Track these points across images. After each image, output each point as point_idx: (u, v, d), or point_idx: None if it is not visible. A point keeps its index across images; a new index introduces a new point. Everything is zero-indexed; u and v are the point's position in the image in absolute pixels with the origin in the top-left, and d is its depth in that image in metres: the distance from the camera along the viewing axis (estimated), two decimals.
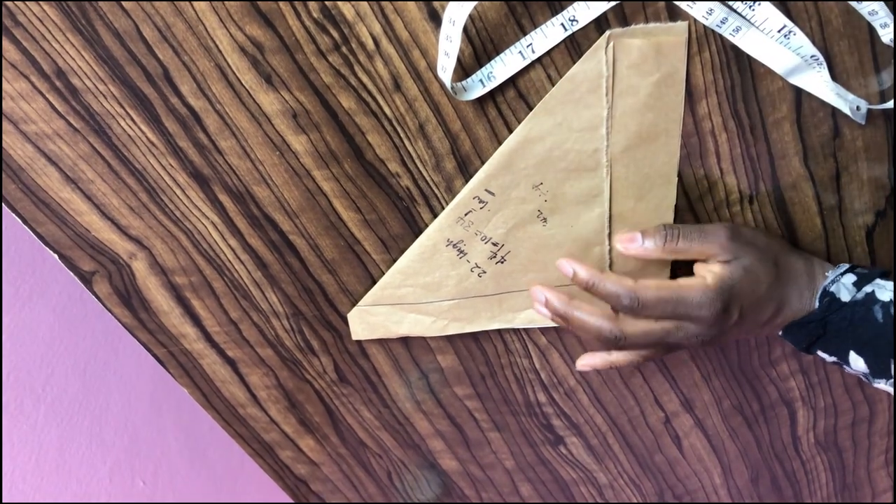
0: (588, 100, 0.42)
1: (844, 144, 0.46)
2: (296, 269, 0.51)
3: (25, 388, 0.63)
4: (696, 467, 0.67)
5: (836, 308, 0.45)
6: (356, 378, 0.58)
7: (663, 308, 0.44)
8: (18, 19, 0.41)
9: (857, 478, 0.69)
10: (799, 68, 0.42)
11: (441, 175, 0.47)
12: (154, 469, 0.77)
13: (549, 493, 0.68)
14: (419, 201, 0.48)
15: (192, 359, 0.57)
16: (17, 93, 0.43)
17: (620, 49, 0.41)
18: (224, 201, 0.48)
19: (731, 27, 0.41)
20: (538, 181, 0.45)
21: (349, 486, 0.67)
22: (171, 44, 0.42)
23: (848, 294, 0.45)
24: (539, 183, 0.45)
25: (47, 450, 0.64)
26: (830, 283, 0.45)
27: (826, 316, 0.45)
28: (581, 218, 0.47)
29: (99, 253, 0.50)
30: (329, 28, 0.41)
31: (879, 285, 0.45)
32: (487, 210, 0.46)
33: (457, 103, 0.44)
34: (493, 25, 0.41)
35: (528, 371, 0.58)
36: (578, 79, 0.42)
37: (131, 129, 0.45)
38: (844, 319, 0.45)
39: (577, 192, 0.46)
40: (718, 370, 0.58)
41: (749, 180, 0.47)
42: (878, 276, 0.45)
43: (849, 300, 0.44)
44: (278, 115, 0.44)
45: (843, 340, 0.45)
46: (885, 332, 0.43)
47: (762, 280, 0.44)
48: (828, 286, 0.45)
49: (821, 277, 0.46)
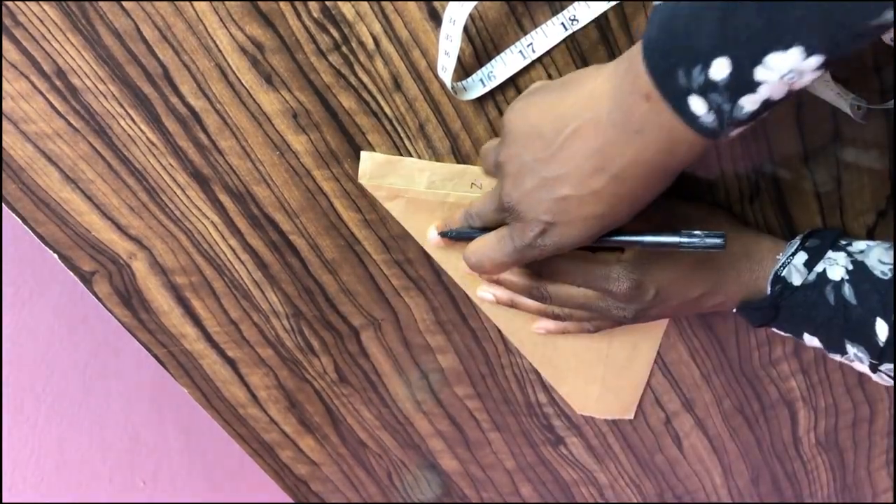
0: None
1: (844, 144, 0.46)
2: (296, 269, 0.51)
3: (25, 388, 0.63)
4: (696, 467, 0.67)
5: (788, 294, 0.44)
6: (356, 378, 0.58)
7: (574, 277, 0.44)
8: (18, 19, 0.41)
9: (857, 478, 0.69)
10: None
11: None
12: (154, 469, 0.77)
13: (549, 494, 0.68)
14: None
15: (192, 359, 0.57)
16: (17, 93, 0.43)
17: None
18: (224, 201, 0.48)
19: None
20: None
21: (349, 486, 0.67)
22: (171, 44, 0.42)
23: (799, 277, 0.43)
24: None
25: (47, 450, 0.64)
26: (781, 266, 0.44)
27: (777, 302, 0.44)
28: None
29: (99, 253, 0.50)
30: (329, 28, 0.41)
31: (830, 261, 0.43)
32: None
33: (457, 103, 0.44)
34: (493, 25, 0.41)
35: (528, 371, 0.58)
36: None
37: (131, 129, 0.45)
38: (796, 304, 0.44)
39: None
40: (719, 370, 0.58)
41: (749, 180, 0.47)
42: (830, 246, 0.44)
43: (800, 284, 0.43)
44: (278, 114, 0.44)
45: (796, 324, 0.45)
46: (836, 314, 0.43)
47: (683, 261, 0.43)
48: (779, 270, 0.44)
49: (770, 259, 0.45)
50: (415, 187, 0.46)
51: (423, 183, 0.46)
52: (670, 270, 0.44)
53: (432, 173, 0.46)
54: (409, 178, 0.46)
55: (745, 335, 0.56)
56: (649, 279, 0.43)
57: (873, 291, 0.41)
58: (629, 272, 0.43)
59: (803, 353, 0.58)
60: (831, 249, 0.44)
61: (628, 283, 0.43)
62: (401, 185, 0.47)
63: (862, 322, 0.42)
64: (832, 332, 0.43)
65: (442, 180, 0.46)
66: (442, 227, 0.47)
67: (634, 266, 0.43)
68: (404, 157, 0.46)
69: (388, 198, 0.47)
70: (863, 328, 0.42)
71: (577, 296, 0.45)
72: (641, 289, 0.43)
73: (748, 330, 0.55)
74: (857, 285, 0.42)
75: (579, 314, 0.48)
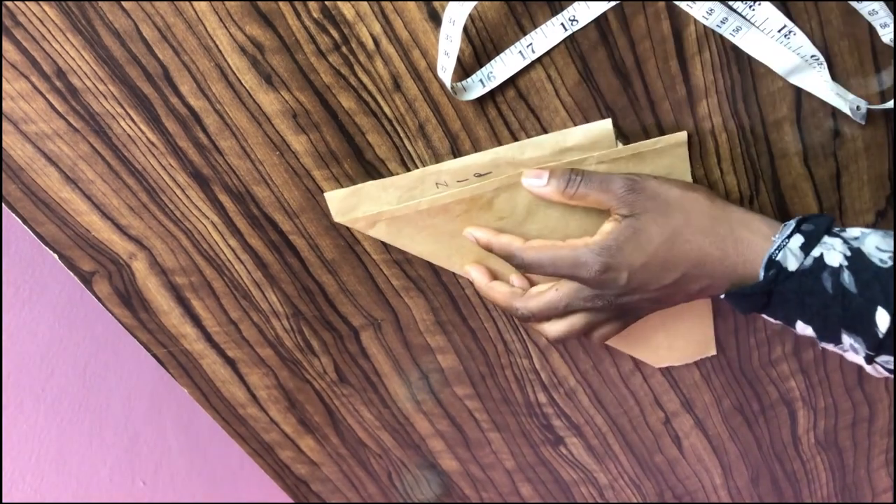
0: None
1: (844, 144, 0.46)
2: (296, 269, 0.51)
3: (25, 388, 0.63)
4: (696, 467, 0.67)
5: (783, 279, 0.41)
6: (356, 378, 0.58)
7: (546, 267, 0.44)
8: (18, 19, 0.41)
9: (857, 478, 0.69)
10: (799, 68, 0.42)
11: None
12: (154, 469, 0.77)
13: (549, 494, 0.68)
14: None
15: (192, 359, 0.57)
16: (17, 93, 0.43)
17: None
18: (224, 201, 0.48)
19: (731, 27, 0.41)
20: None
21: (349, 486, 0.67)
22: (171, 44, 0.42)
23: (795, 261, 0.41)
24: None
25: (47, 450, 0.64)
26: (777, 249, 0.41)
27: (771, 288, 0.42)
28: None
29: (99, 253, 0.50)
30: (329, 28, 0.41)
31: (827, 246, 0.41)
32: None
33: (457, 103, 0.44)
34: (492, 25, 0.41)
35: (528, 371, 0.58)
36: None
37: (131, 129, 0.45)
38: (791, 291, 0.41)
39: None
40: (718, 370, 0.58)
41: (749, 180, 0.47)
42: (825, 232, 0.42)
43: (796, 269, 0.41)
44: (278, 115, 0.44)
45: (789, 311, 0.43)
46: (834, 302, 0.41)
47: (656, 240, 0.42)
48: (774, 254, 0.41)
49: (761, 242, 0.42)
50: (388, 206, 0.47)
51: (392, 201, 0.47)
52: (640, 252, 0.42)
53: (396, 188, 0.47)
54: (378, 199, 0.47)
55: (745, 335, 0.56)
56: (619, 261, 0.42)
57: (874, 280, 0.40)
58: (597, 255, 0.42)
59: (803, 353, 0.58)
60: (826, 235, 0.42)
61: (597, 266, 0.42)
62: (373, 209, 0.47)
63: (861, 311, 0.40)
64: (828, 320, 0.41)
65: (408, 191, 0.47)
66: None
67: (602, 249, 0.42)
68: (364, 183, 0.47)
69: (367, 226, 0.48)
70: (861, 318, 0.40)
71: (554, 299, 0.45)
72: (611, 273, 0.42)
73: (748, 330, 0.55)
74: (858, 273, 0.40)
75: (574, 318, 0.47)
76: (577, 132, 0.44)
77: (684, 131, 0.44)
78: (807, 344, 0.57)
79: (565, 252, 0.43)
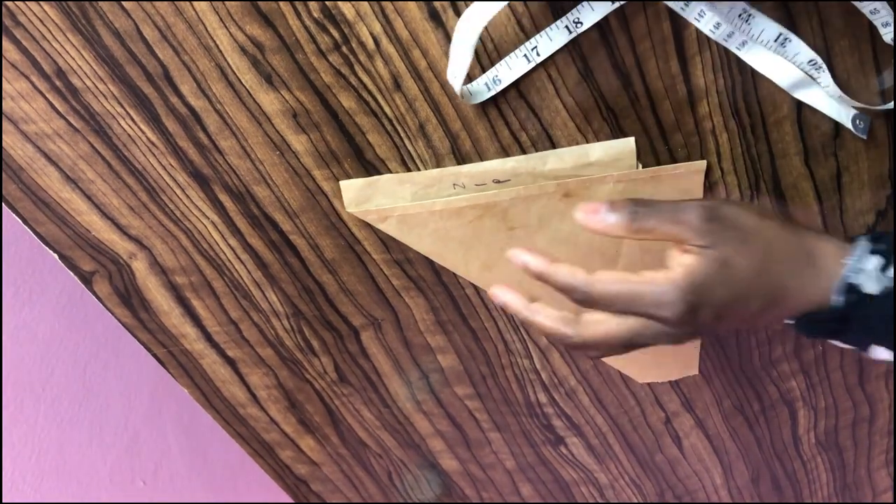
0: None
1: (845, 144, 0.46)
2: (296, 269, 0.51)
3: (25, 388, 0.63)
4: (696, 467, 0.67)
5: (863, 304, 0.38)
6: (356, 378, 0.58)
7: (618, 305, 0.38)
8: (18, 19, 0.41)
9: (857, 477, 0.69)
10: (802, 83, 0.42)
11: None
12: (154, 469, 0.77)
13: (549, 494, 0.68)
14: None
15: (192, 359, 0.57)
16: (17, 93, 0.43)
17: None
18: (224, 201, 0.48)
19: (737, 41, 0.41)
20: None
21: (349, 486, 0.67)
22: (171, 43, 0.42)
23: (875, 284, 0.38)
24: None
25: (47, 450, 0.64)
26: (852, 273, 0.38)
27: (849, 313, 0.38)
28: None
29: (99, 253, 0.50)
30: (329, 28, 0.41)
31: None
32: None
33: (457, 103, 0.44)
34: (493, 25, 0.41)
35: (528, 371, 0.58)
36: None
37: (131, 129, 0.45)
38: (871, 316, 0.38)
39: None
40: (719, 370, 0.58)
41: (750, 180, 0.47)
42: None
43: (877, 292, 0.38)
44: (278, 114, 0.44)
45: (866, 335, 0.40)
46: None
47: (743, 273, 0.38)
48: (849, 276, 0.38)
49: (833, 262, 0.39)
50: (401, 202, 0.47)
51: (407, 196, 0.47)
52: (726, 288, 0.37)
53: (413, 184, 0.46)
54: (392, 193, 0.47)
55: (746, 335, 0.56)
56: (706, 299, 0.37)
57: None
58: (684, 293, 0.37)
59: (803, 353, 0.58)
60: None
61: (684, 307, 0.37)
62: (387, 204, 0.47)
63: None
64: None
65: (424, 189, 0.46)
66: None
67: (690, 286, 0.37)
68: (382, 174, 0.46)
69: (378, 220, 0.48)
70: None
71: (617, 333, 0.39)
72: (696, 312, 0.37)
73: (748, 330, 0.56)
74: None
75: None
76: (600, 148, 0.44)
77: (704, 161, 0.44)
78: (807, 344, 0.57)
79: (644, 288, 0.37)
